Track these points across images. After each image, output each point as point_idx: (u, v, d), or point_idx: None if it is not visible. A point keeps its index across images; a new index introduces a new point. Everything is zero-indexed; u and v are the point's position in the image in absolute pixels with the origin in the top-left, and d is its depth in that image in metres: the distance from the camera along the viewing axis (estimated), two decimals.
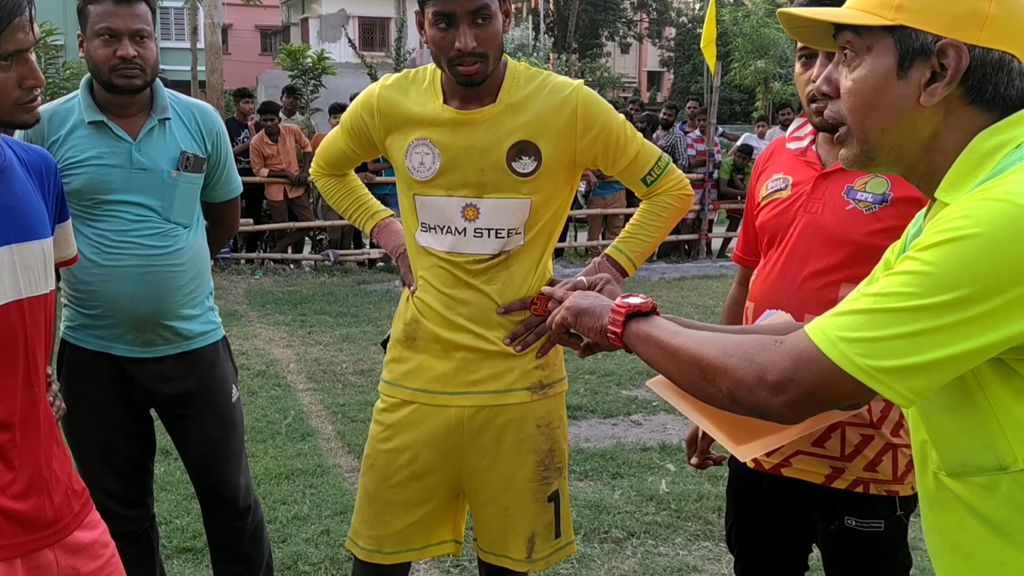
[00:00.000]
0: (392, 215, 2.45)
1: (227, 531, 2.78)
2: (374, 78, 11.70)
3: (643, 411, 5.28)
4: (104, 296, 2.46)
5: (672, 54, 41.60)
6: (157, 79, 2.53)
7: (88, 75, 2.51)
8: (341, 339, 6.98)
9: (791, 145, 2.12)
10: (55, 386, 1.91)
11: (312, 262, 10.22)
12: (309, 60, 12.39)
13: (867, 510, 1.96)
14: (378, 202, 2.48)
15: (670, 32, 42.65)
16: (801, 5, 1.97)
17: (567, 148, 2.09)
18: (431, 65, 2.14)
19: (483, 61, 2.00)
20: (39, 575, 1.70)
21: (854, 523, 1.96)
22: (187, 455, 2.72)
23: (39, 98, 1.69)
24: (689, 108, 11.85)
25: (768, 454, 2.03)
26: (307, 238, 10.80)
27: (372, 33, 35.69)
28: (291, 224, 10.04)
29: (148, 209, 2.47)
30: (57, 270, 1.91)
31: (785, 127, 12.08)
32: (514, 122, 2.07)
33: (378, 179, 9.35)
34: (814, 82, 1.92)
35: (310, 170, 2.49)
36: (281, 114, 9.96)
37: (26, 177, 1.75)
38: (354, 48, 12.66)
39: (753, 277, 2.14)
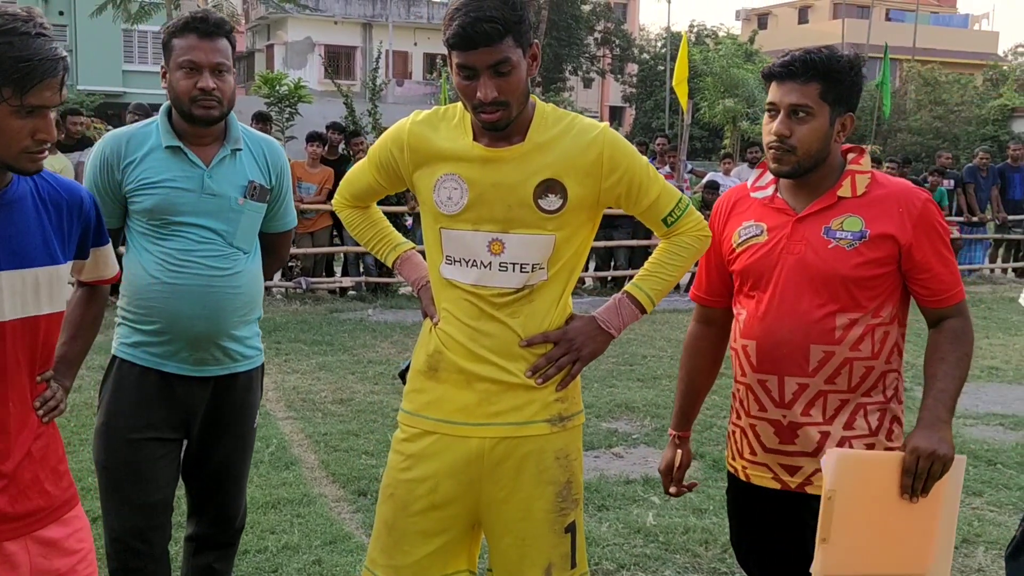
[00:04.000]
0: (414, 248, 2.49)
1: (214, 547, 2.87)
2: (349, 106, 11.77)
3: (624, 444, 5.33)
4: (164, 312, 2.57)
5: (634, 90, 42.13)
6: (232, 112, 2.65)
7: (167, 103, 2.63)
8: (318, 367, 6.96)
9: (756, 195, 2.29)
10: (55, 384, 2.00)
11: (284, 289, 10.16)
12: (285, 88, 12.34)
13: None
14: (400, 235, 2.52)
15: (632, 68, 43.23)
16: (783, 65, 2.16)
17: (593, 187, 2.15)
18: (460, 103, 2.19)
19: (505, 109, 2.05)
20: (6, 562, 1.82)
21: None
22: (201, 474, 2.79)
23: (46, 153, 1.81)
24: (658, 144, 12.03)
25: (791, 474, 2.21)
26: None
27: (338, 61, 35.73)
28: None
29: (213, 232, 2.60)
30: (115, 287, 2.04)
31: (753, 165, 12.33)
32: (542, 160, 2.12)
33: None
34: (776, 135, 2.15)
35: (333, 201, 2.54)
36: None
37: (37, 210, 1.88)
38: (332, 78, 12.71)
39: (744, 318, 2.27)
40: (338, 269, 11.05)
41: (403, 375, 2.38)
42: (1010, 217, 13.14)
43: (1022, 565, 2.26)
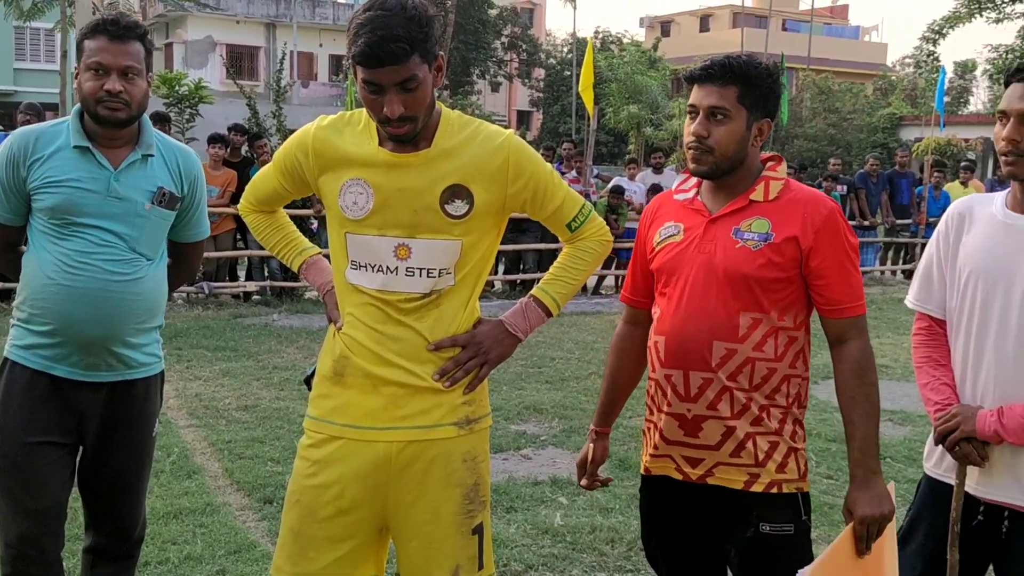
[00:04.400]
0: (320, 252, 2.48)
1: (112, 560, 2.82)
2: (252, 108, 11.57)
3: (532, 445, 5.38)
4: (57, 314, 2.53)
5: (541, 94, 42.49)
6: (145, 116, 2.64)
7: (78, 105, 2.61)
8: (221, 374, 6.82)
9: (678, 197, 2.37)
10: None
11: (185, 294, 9.91)
12: (185, 88, 12.04)
13: (779, 514, 2.21)
14: (306, 240, 2.51)
15: (539, 73, 43.60)
16: (703, 69, 2.23)
17: (499, 193, 2.17)
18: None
19: (412, 123, 2.06)
20: None
21: (768, 528, 2.20)
22: (97, 483, 2.73)
23: None
24: (565, 149, 12.17)
25: (693, 466, 2.26)
26: None
27: (240, 61, 35.03)
28: None
29: (116, 236, 2.57)
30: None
31: (657, 169, 12.59)
32: (448, 166, 2.14)
33: None
34: (694, 135, 2.23)
35: (239, 206, 2.52)
36: None
37: None
38: (234, 78, 12.44)
39: (657, 315, 2.33)
40: (242, 273, 10.85)
41: (308, 381, 2.36)
42: (898, 221, 13.75)
43: (908, 556, 2.37)
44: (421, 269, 2.15)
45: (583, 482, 2.55)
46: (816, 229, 2.18)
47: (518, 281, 11.65)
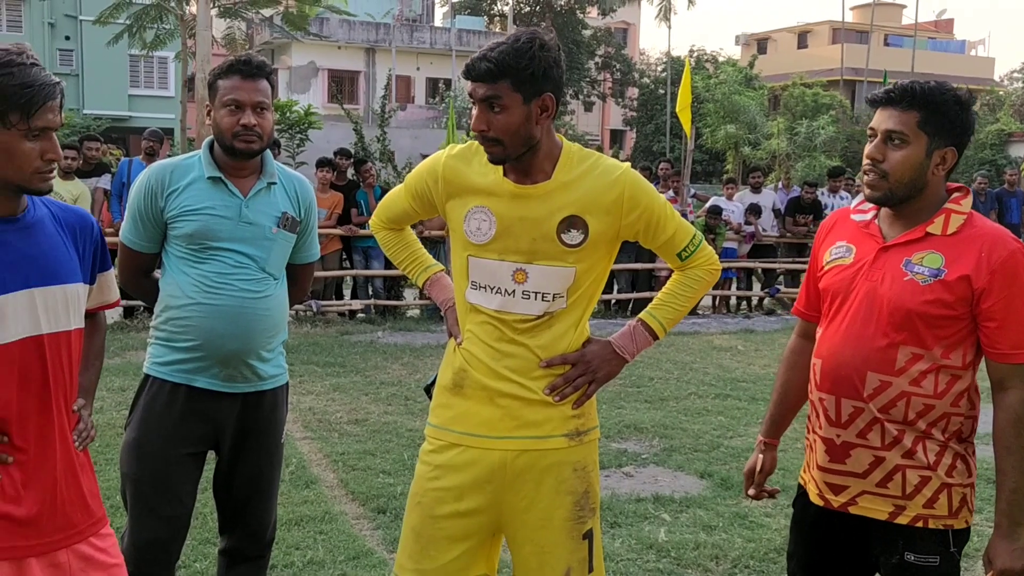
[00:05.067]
0: (443, 270, 2.67)
1: (245, 560, 3.02)
2: (359, 133, 11.98)
3: (633, 463, 5.47)
4: (200, 330, 2.76)
5: (635, 113, 42.44)
6: (267, 150, 2.88)
7: (210, 137, 2.86)
8: (332, 389, 7.10)
9: (855, 217, 2.36)
10: (85, 414, 2.14)
11: (295, 312, 10.32)
12: (295, 114, 12.57)
13: (924, 546, 2.19)
14: (431, 257, 2.70)
15: (633, 92, 43.58)
16: (886, 92, 2.21)
17: (613, 224, 2.31)
18: None
19: (498, 146, 2.22)
20: (59, 571, 1.98)
21: (912, 558, 2.19)
22: (231, 489, 2.95)
23: (55, 172, 1.96)
24: (662, 169, 12.23)
25: (835, 493, 2.27)
26: None
27: (341, 85, 36.02)
28: None
29: (248, 258, 2.80)
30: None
31: (756, 189, 12.52)
32: (566, 198, 2.29)
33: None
34: (869, 158, 2.20)
35: (370, 223, 2.73)
36: None
37: (57, 232, 2.03)
38: (339, 102, 12.93)
39: (819, 336, 2.36)
40: (347, 292, 11.23)
41: (428, 390, 2.54)
42: None
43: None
44: (537, 293, 2.30)
45: (750, 492, 2.57)
46: (992, 270, 2.10)
47: (613, 300, 11.73)
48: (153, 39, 24.67)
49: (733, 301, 12.71)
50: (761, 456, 2.56)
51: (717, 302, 12.51)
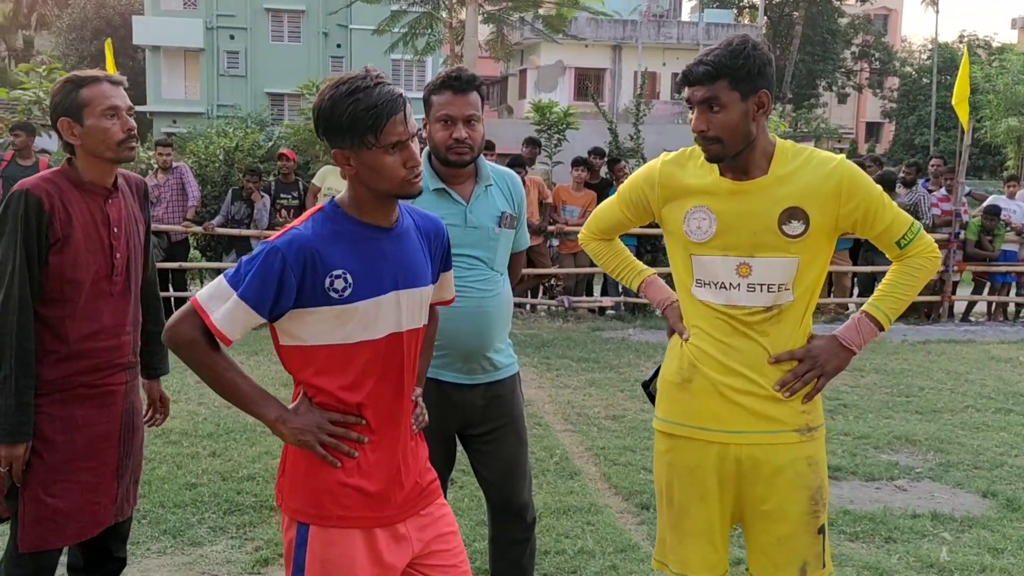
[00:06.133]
0: (655, 273, 2.78)
1: (513, 544, 3.16)
2: (613, 132, 12.14)
3: (906, 477, 5.21)
4: (444, 332, 2.92)
5: (895, 105, 39.97)
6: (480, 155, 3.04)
7: (426, 149, 3.01)
8: (588, 384, 7.26)
9: None
10: (421, 400, 2.33)
11: (547, 307, 10.62)
12: (555, 115, 12.95)
13: None
14: (640, 263, 2.83)
15: (892, 82, 41.09)
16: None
17: (832, 213, 2.35)
18: None
19: (717, 144, 2.31)
20: (398, 544, 2.14)
21: None
22: (487, 472, 3.11)
23: (421, 173, 2.09)
24: (933, 166, 11.45)
25: None
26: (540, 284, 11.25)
27: (587, 84, 36.48)
28: (529, 270, 10.50)
29: (477, 260, 2.97)
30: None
31: None
32: (784, 191, 2.35)
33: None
34: None
35: (579, 236, 2.87)
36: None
37: (419, 239, 2.23)
38: (595, 100, 13.17)
39: None
40: (597, 288, 11.41)
41: (647, 386, 2.66)
42: None
43: None
44: (762, 285, 2.38)
45: None
46: None
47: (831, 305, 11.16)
48: (424, 47, 26.42)
49: (1012, 308, 11.70)
50: None
51: (993, 308, 11.57)
